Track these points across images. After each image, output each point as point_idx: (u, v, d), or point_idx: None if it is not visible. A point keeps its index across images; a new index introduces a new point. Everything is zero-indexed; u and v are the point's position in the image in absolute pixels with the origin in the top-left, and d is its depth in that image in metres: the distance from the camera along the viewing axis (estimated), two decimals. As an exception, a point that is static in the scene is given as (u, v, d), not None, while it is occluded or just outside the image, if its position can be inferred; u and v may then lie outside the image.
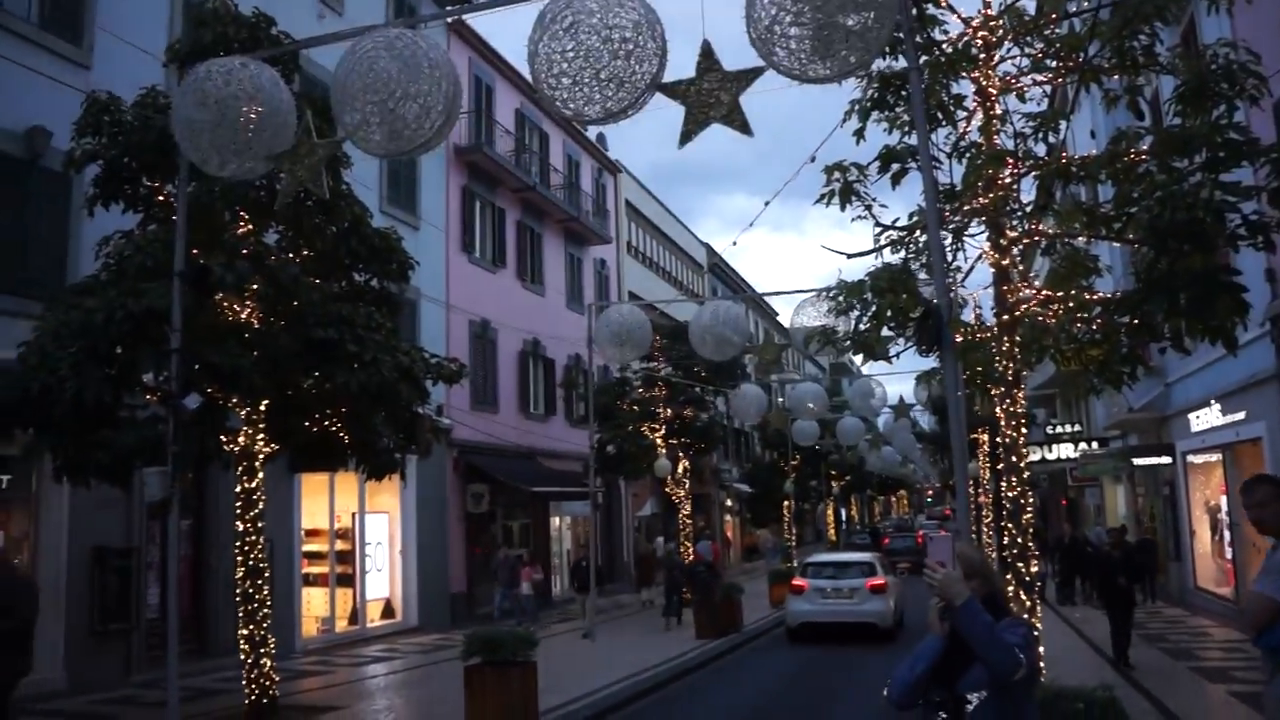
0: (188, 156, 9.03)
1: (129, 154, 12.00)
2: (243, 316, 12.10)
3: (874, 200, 9.81)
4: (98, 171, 12.44)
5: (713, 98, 7.07)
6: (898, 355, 10.38)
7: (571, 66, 6.68)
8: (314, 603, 20.87)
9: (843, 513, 69.04)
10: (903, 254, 10.08)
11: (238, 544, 12.68)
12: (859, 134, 9.78)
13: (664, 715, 13.61)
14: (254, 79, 8.09)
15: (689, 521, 29.23)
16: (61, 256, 14.77)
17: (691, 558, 26.88)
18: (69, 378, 10.51)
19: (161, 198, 12.26)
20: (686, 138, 7.25)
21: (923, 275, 9.83)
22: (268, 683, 12.56)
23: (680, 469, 28.98)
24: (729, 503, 49.56)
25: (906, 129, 9.73)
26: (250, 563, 12.59)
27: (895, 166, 9.63)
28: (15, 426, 11.32)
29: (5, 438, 11.73)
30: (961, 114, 9.81)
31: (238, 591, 12.65)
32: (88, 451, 11.16)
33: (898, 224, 10.00)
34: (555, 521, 31.43)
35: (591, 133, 35.89)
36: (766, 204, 13.59)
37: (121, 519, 15.05)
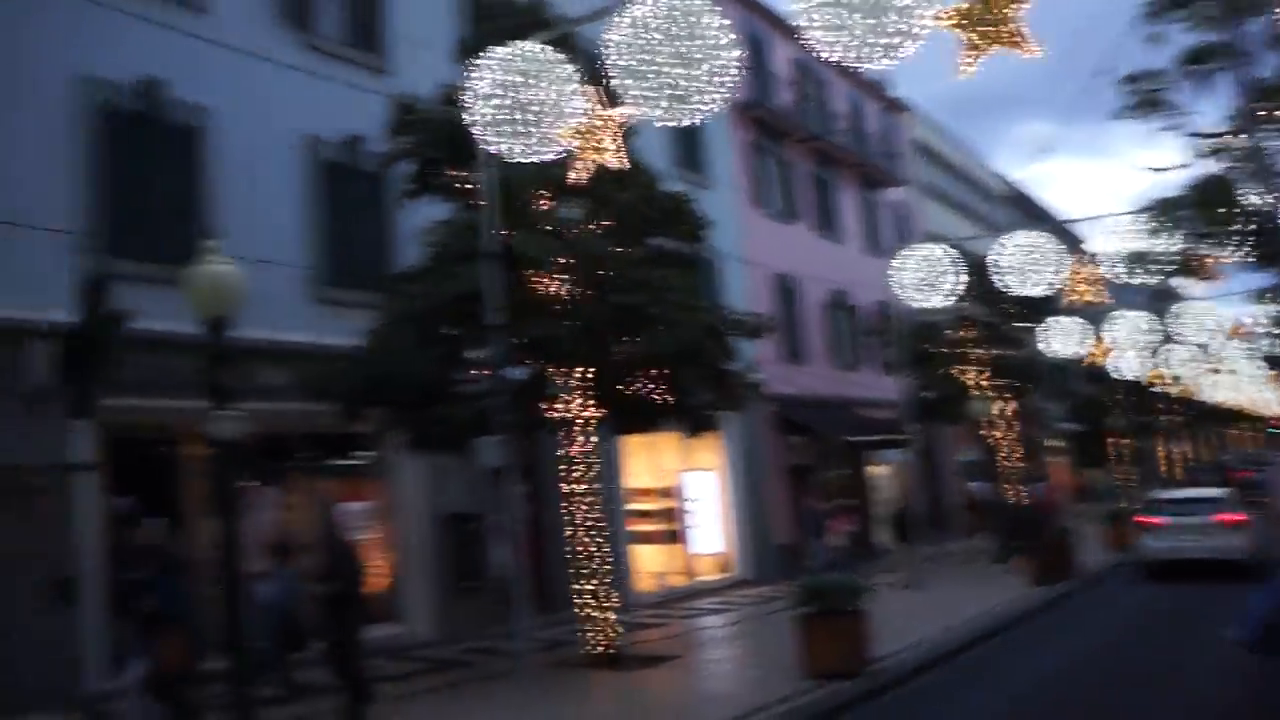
0: (483, 145, 9.62)
1: (434, 148, 12.94)
2: (554, 290, 12.76)
3: (1181, 109, 9.10)
4: (408, 167, 13.53)
5: (991, 21, 6.77)
6: (1226, 273, 9.63)
7: (836, 9, 6.58)
8: (644, 559, 21.74)
9: (1180, 449, 64.17)
10: (1222, 163, 9.29)
11: (565, 505, 13.45)
12: (1155, 38, 9.09)
13: (997, 664, 13.24)
14: (534, 62, 8.50)
15: (1012, 465, 28.15)
16: (384, 249, 16.13)
17: (1025, 501, 25.91)
18: (406, 360, 11.52)
19: (468, 185, 13.10)
20: (966, 67, 6.98)
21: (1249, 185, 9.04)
22: (612, 634, 13.27)
23: (998, 410, 27.93)
24: (1054, 443, 47.25)
25: (1213, 25, 8.93)
26: (587, 522, 13.33)
27: (1201, 67, 8.88)
28: (368, 406, 12.55)
29: (361, 417, 13.01)
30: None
31: (574, 550, 13.42)
32: (428, 426, 12.20)
33: (1211, 131, 9.23)
34: (873, 470, 31.14)
35: (873, 74, 35.00)
36: (1056, 127, 12.91)
37: (466, 486, 16.18)
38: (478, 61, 9.22)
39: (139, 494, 12.56)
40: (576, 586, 13.44)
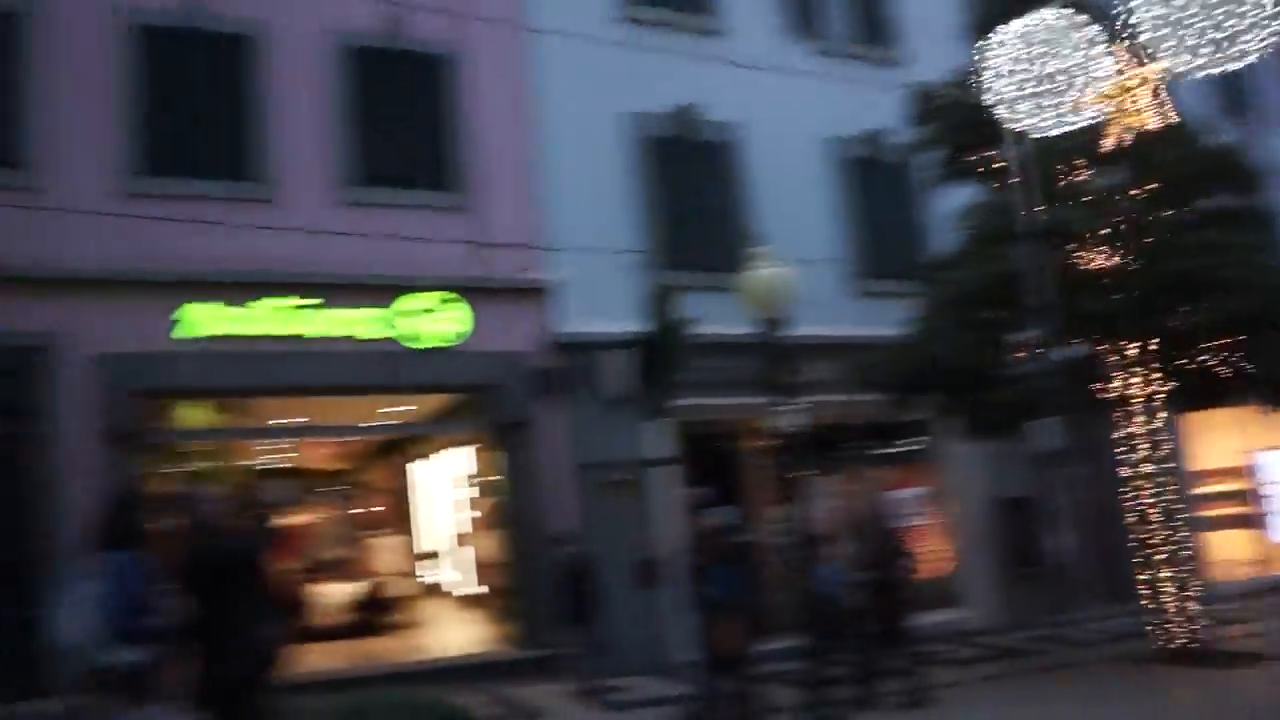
0: (1008, 122, 9.46)
1: (957, 132, 12.89)
2: (1099, 263, 12.15)
3: None
4: (933, 154, 13.74)
5: None
6: None
7: None
8: (1216, 546, 19.87)
9: None
10: None
11: (1127, 488, 12.69)
12: None
13: None
14: (1053, 30, 8.31)
15: None
16: (914, 238, 16.35)
17: None
18: (950, 346, 11.59)
19: (996, 165, 12.83)
20: None
21: None
22: (1193, 627, 12.29)
23: None
24: None
25: None
26: (1157, 505, 12.52)
27: None
28: (917, 393, 12.77)
29: (910, 405, 13.26)
30: None
31: (1140, 536, 12.63)
32: (978, 411, 12.15)
33: None
34: None
35: None
36: None
37: (1021, 470, 15.70)
38: (992, 40, 9.12)
39: (705, 484, 13.70)
40: (1144, 575, 12.57)
